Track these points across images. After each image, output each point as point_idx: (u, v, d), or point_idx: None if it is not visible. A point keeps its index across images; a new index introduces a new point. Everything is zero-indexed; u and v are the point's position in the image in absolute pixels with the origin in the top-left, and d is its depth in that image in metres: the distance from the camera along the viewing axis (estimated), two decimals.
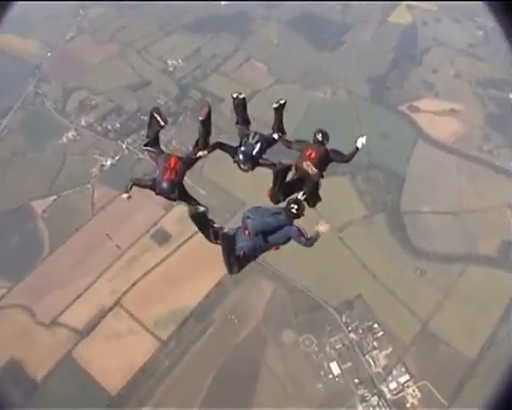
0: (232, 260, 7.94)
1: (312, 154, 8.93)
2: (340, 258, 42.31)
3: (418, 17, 71.12)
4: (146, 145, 8.76)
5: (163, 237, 44.84)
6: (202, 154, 8.70)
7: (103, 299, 40.73)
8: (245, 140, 8.83)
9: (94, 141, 54.00)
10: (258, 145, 8.77)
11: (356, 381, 37.22)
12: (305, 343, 38.85)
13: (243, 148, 8.73)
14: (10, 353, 37.14)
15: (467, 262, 43.31)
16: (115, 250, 43.92)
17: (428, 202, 47.80)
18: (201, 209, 8.06)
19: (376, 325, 39.54)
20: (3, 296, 41.18)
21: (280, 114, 9.38)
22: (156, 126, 8.63)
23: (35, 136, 54.02)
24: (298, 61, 63.17)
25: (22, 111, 57.50)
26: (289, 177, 9.05)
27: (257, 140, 8.81)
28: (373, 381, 37.32)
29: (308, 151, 8.98)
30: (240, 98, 9.23)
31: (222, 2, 70.85)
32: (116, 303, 40.68)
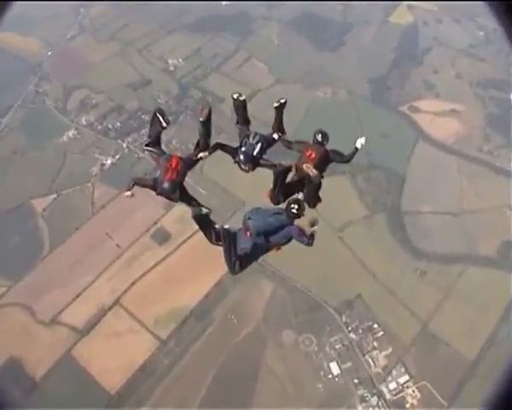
0: (234, 259, 7.94)
1: (312, 154, 8.92)
2: (341, 258, 42.31)
3: (419, 17, 71.17)
4: (147, 145, 8.75)
5: (163, 237, 44.84)
6: (203, 155, 8.69)
7: (103, 298, 40.74)
8: (245, 141, 8.80)
9: (94, 140, 54.02)
10: (258, 146, 8.75)
11: (355, 381, 37.22)
12: (305, 343, 38.85)
13: (244, 148, 8.71)
14: (10, 351, 37.17)
15: (467, 263, 43.32)
16: (115, 249, 43.91)
17: (429, 203, 47.81)
18: (205, 211, 8.17)
19: (376, 326, 39.53)
20: (3, 295, 41.19)
21: (280, 114, 9.37)
22: (158, 127, 8.62)
23: (35, 134, 54.02)
24: (298, 61, 63.15)
25: (23, 110, 57.55)
26: (289, 178, 9.04)
27: (257, 140, 8.79)
28: (373, 381, 37.32)
29: (308, 152, 8.97)
30: (240, 100, 9.23)
31: (223, 2, 70.85)
32: (116, 302, 40.68)
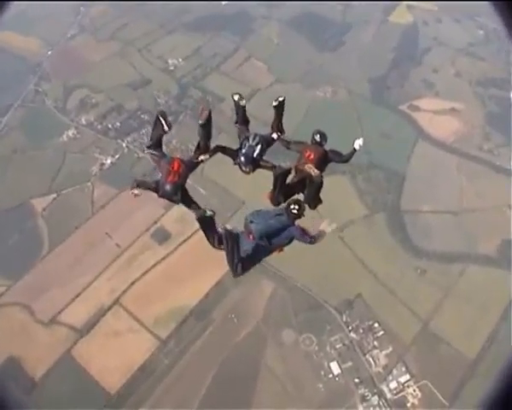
0: (236, 261, 7.92)
1: (311, 155, 8.96)
2: (341, 257, 42.25)
3: (419, 17, 71.18)
4: (149, 148, 8.82)
5: (163, 236, 44.78)
6: (204, 158, 8.75)
7: (103, 298, 40.68)
8: (245, 142, 8.83)
9: (94, 139, 53.94)
10: (258, 147, 8.78)
11: (356, 380, 37.15)
12: (306, 343, 38.80)
13: (244, 150, 8.73)
14: (9, 351, 37.09)
15: (467, 262, 43.27)
16: (115, 249, 43.87)
17: (429, 202, 47.77)
18: (209, 212, 8.24)
19: (377, 325, 39.47)
20: (3, 294, 41.09)
21: (279, 113, 9.36)
22: (160, 130, 8.67)
23: (35, 134, 53.95)
24: (298, 61, 63.12)
25: (23, 109, 57.49)
26: (289, 179, 9.06)
27: (257, 142, 8.81)
28: (373, 381, 37.25)
29: (307, 153, 9.01)
30: (241, 105, 9.21)
31: (223, 1, 70.78)
32: (115, 302, 40.61)
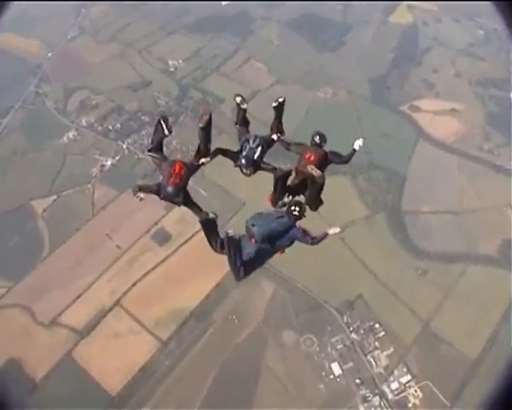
0: (239, 265, 7.92)
1: (311, 157, 8.99)
2: (341, 258, 42.19)
3: (419, 17, 71.15)
4: (150, 151, 8.85)
5: (163, 237, 44.77)
6: (205, 161, 8.77)
7: (103, 299, 40.67)
8: (246, 145, 8.85)
9: (94, 141, 53.98)
10: (259, 149, 8.81)
11: (357, 381, 37.11)
12: (306, 344, 38.76)
13: (245, 153, 8.76)
14: (10, 352, 37.08)
15: (467, 262, 43.23)
16: (115, 250, 43.86)
17: (429, 202, 47.74)
18: (212, 215, 8.32)
19: (377, 325, 39.43)
20: (3, 296, 41.11)
21: (279, 114, 9.39)
22: (161, 134, 8.73)
23: (35, 135, 54.00)
24: (298, 62, 63.13)
25: (23, 111, 57.55)
26: (290, 181, 9.11)
27: (257, 144, 8.84)
28: (374, 381, 37.22)
29: (307, 154, 9.03)
30: (242, 108, 9.22)
31: (222, 2, 70.81)
32: (116, 303, 40.61)
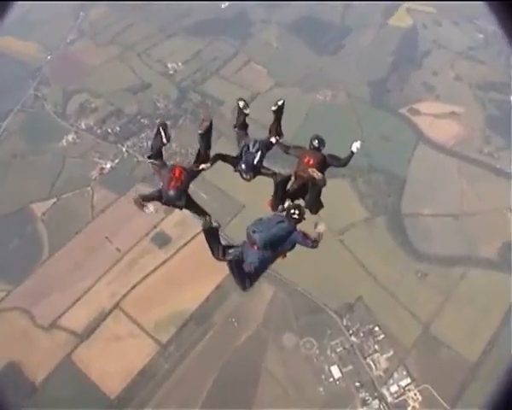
0: (243, 277, 7.98)
1: (310, 161, 8.98)
2: (341, 261, 42.20)
3: (418, 20, 71.12)
4: (150, 157, 8.89)
5: (163, 240, 44.78)
6: (205, 166, 8.81)
7: (103, 302, 40.65)
8: (245, 149, 8.86)
9: (94, 144, 54.05)
10: (258, 154, 8.81)
11: (357, 384, 37.06)
12: (306, 346, 38.70)
13: (244, 157, 8.78)
14: (9, 355, 37.04)
15: (467, 265, 43.16)
16: (115, 253, 43.85)
17: (429, 205, 47.71)
18: (215, 224, 8.39)
19: (377, 328, 39.38)
20: (3, 299, 41.10)
21: (279, 117, 9.38)
22: (160, 141, 8.78)
23: (35, 138, 54.07)
24: (298, 65, 63.15)
25: (22, 114, 57.66)
26: (289, 185, 9.12)
27: (257, 148, 8.84)
28: (374, 384, 37.15)
29: (306, 158, 9.02)
30: (244, 113, 9.24)
31: (222, 4, 70.96)
32: (116, 306, 40.58)
